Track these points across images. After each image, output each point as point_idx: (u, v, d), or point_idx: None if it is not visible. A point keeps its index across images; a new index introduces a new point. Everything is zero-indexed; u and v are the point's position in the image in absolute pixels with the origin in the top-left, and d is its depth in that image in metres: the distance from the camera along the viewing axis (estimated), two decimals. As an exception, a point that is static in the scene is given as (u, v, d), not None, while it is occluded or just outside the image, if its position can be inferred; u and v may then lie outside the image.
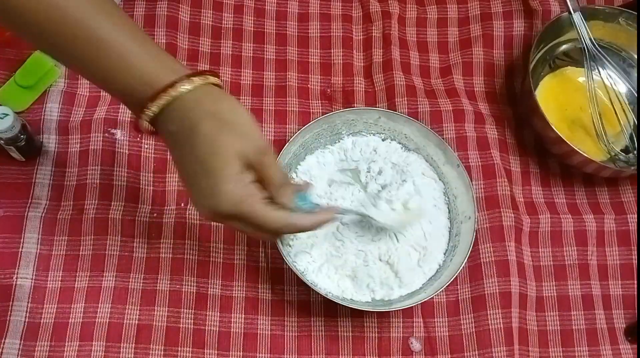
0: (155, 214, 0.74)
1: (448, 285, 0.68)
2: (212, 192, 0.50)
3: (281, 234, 0.54)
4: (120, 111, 0.77)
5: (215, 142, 0.49)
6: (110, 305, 0.69)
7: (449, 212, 0.75)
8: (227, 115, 0.51)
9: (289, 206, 0.53)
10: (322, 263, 0.71)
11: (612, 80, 0.85)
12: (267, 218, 0.51)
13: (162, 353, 0.68)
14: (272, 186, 0.53)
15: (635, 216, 0.80)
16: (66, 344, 0.67)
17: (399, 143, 0.78)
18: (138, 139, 0.76)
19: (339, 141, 0.78)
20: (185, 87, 0.50)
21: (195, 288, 0.71)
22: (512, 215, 0.77)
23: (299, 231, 0.56)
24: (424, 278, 0.72)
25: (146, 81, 0.50)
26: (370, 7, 0.88)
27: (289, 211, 0.53)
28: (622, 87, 0.86)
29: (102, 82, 0.52)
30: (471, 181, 0.75)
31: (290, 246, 0.70)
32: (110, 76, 0.51)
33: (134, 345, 0.68)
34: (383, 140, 0.78)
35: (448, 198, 0.76)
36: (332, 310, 0.72)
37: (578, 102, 0.85)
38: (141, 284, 0.71)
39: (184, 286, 0.71)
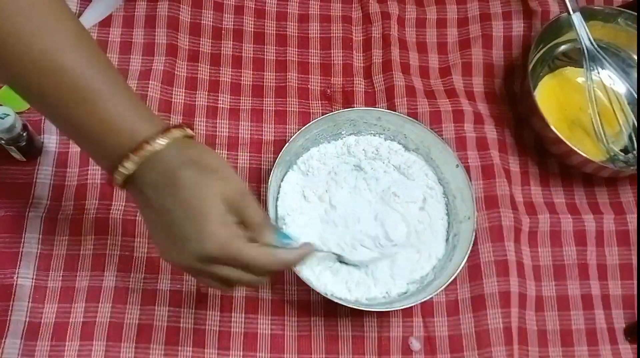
0: (155, 214, 0.74)
1: (448, 285, 0.68)
2: (197, 236, 0.49)
3: (267, 272, 0.53)
4: (120, 111, 0.77)
5: (199, 188, 0.50)
6: (110, 304, 0.69)
7: (449, 212, 0.75)
8: (207, 162, 0.51)
9: (272, 244, 0.53)
10: (320, 261, 0.71)
11: (612, 80, 0.85)
12: (255, 256, 0.51)
13: (162, 353, 0.68)
14: (253, 226, 0.53)
15: (635, 216, 0.81)
16: (66, 344, 0.67)
17: (399, 143, 0.78)
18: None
19: (340, 141, 0.78)
20: (164, 140, 0.50)
21: (195, 287, 0.71)
22: (512, 215, 0.77)
23: (285, 266, 0.56)
24: (423, 278, 0.72)
25: (127, 132, 0.50)
26: (370, 8, 0.89)
27: (272, 248, 0.53)
28: (621, 87, 0.86)
29: (78, 130, 0.51)
30: (470, 181, 0.75)
31: None
32: (89, 123, 0.50)
33: (134, 344, 0.68)
34: (385, 140, 0.78)
35: (447, 198, 0.76)
36: (332, 310, 0.72)
37: (577, 102, 0.85)
38: (141, 284, 0.71)
39: (184, 286, 0.71)
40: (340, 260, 0.71)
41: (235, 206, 0.51)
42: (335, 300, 0.67)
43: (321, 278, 0.70)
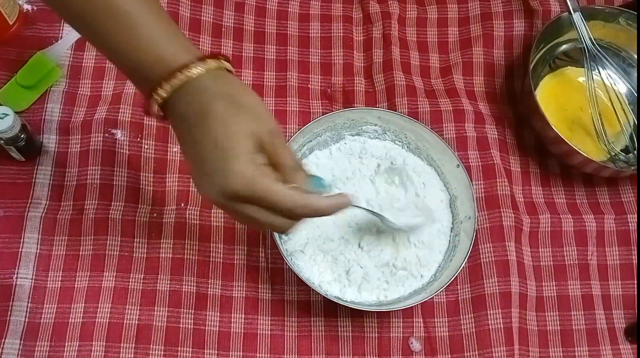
0: (155, 214, 0.74)
1: (448, 285, 0.68)
2: (224, 172, 0.48)
3: (296, 217, 0.50)
4: (120, 111, 0.77)
5: (229, 122, 0.49)
6: (110, 305, 0.69)
7: (449, 212, 0.75)
8: (241, 98, 0.50)
9: (303, 188, 0.51)
10: (321, 262, 0.71)
11: (612, 80, 0.85)
12: (282, 197, 0.49)
13: (162, 353, 0.68)
14: (284, 169, 0.51)
15: (635, 216, 0.81)
16: (66, 344, 0.67)
17: (399, 143, 0.78)
18: (138, 139, 0.76)
19: (340, 141, 0.78)
20: (199, 69, 0.49)
21: (195, 288, 0.71)
22: (512, 215, 0.77)
23: (315, 215, 0.52)
24: (424, 278, 0.72)
25: (161, 59, 0.49)
26: (370, 8, 0.88)
27: (302, 192, 0.51)
28: (622, 87, 0.86)
29: (115, 54, 0.51)
30: (471, 181, 0.75)
31: (288, 245, 0.70)
32: (125, 48, 0.50)
33: (134, 345, 0.68)
34: (383, 140, 0.78)
35: (448, 198, 0.76)
36: (332, 310, 0.72)
37: (578, 102, 0.85)
38: (141, 284, 0.71)
39: (184, 286, 0.71)
40: (381, 222, 0.68)
41: (266, 147, 0.50)
42: (336, 300, 0.66)
43: (321, 278, 0.70)
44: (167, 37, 0.50)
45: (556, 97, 0.85)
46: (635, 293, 0.77)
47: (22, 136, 0.69)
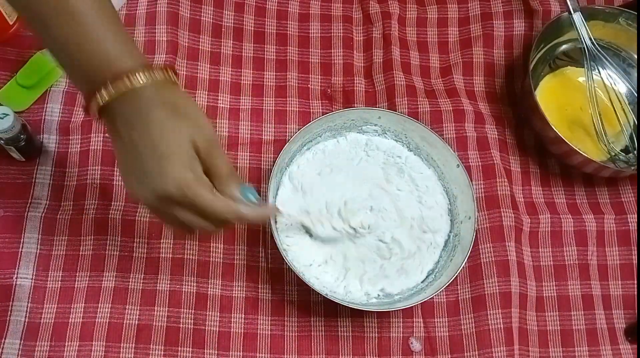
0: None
1: (448, 285, 0.68)
2: (160, 175, 0.50)
3: (223, 222, 0.54)
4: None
5: (169, 127, 0.50)
6: (110, 305, 0.69)
7: (449, 212, 0.75)
8: (182, 107, 0.52)
9: (234, 197, 0.54)
10: (321, 262, 0.71)
11: (612, 80, 0.85)
12: (213, 204, 0.51)
13: (162, 353, 0.68)
14: (218, 177, 0.53)
15: (635, 216, 0.80)
16: (66, 344, 0.67)
17: (399, 143, 0.78)
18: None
19: (338, 139, 0.78)
20: (145, 77, 0.50)
21: (195, 288, 0.71)
22: (512, 215, 0.77)
23: (243, 221, 0.56)
24: (424, 278, 0.72)
25: (108, 62, 0.50)
26: (370, 8, 0.88)
27: (232, 201, 0.54)
28: (622, 87, 0.86)
29: (62, 52, 0.51)
30: (471, 181, 0.75)
31: (288, 246, 0.70)
32: (73, 47, 0.50)
33: (134, 345, 0.68)
34: (385, 140, 0.78)
35: (448, 198, 0.76)
36: (332, 310, 0.72)
37: (578, 102, 0.85)
38: (141, 284, 0.71)
39: (184, 286, 0.71)
40: (308, 231, 0.71)
41: (203, 155, 0.52)
42: (336, 300, 0.66)
43: (321, 276, 0.70)
44: (115, 41, 0.51)
45: (556, 97, 0.85)
46: (635, 293, 0.77)
47: (22, 136, 0.69)
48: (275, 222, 0.67)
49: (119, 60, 0.50)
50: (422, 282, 0.72)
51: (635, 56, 0.86)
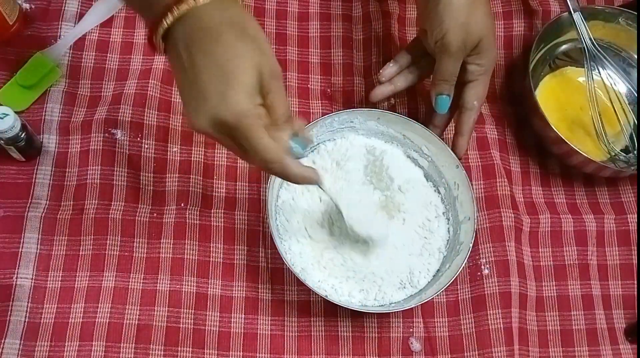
0: (155, 214, 0.74)
1: (448, 286, 0.68)
2: (222, 96, 0.48)
3: (266, 169, 0.52)
4: (120, 111, 0.77)
5: (237, 49, 0.49)
6: (110, 305, 0.69)
7: (449, 212, 0.75)
8: (247, 27, 0.50)
9: (284, 144, 0.52)
10: (320, 262, 0.71)
11: (612, 80, 0.85)
12: (263, 144, 0.50)
13: (162, 353, 0.68)
14: (274, 116, 0.52)
15: (635, 216, 0.80)
16: (66, 344, 0.67)
17: (399, 144, 0.78)
18: (138, 139, 0.76)
19: (336, 139, 0.78)
20: None
21: (195, 288, 0.71)
22: (512, 215, 0.77)
23: (283, 177, 0.54)
24: (423, 278, 0.72)
25: None
26: (370, 7, 0.88)
27: (282, 149, 0.52)
28: (622, 87, 0.86)
29: None
30: (471, 181, 0.75)
31: (289, 248, 0.70)
32: None
33: (134, 345, 0.68)
34: (385, 142, 0.78)
35: (448, 198, 0.76)
36: (332, 310, 0.72)
37: (578, 102, 0.85)
38: (141, 284, 0.71)
39: (184, 286, 0.71)
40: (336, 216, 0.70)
41: (265, 86, 0.50)
42: (335, 301, 0.66)
43: (321, 277, 0.70)
44: None
45: (556, 97, 0.85)
46: (635, 293, 0.77)
47: (22, 136, 0.69)
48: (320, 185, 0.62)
49: None
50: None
51: (635, 56, 0.86)
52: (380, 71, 0.75)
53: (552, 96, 0.85)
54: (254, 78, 0.49)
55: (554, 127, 0.75)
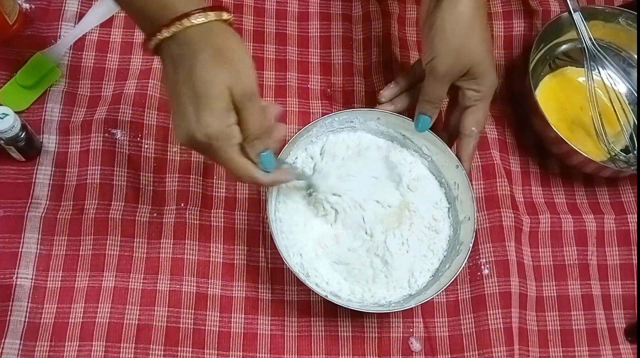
0: (155, 214, 0.74)
1: (448, 286, 0.68)
2: (195, 119, 0.52)
3: (238, 180, 0.59)
4: (120, 111, 0.77)
5: (211, 72, 0.52)
6: (110, 305, 0.69)
7: (449, 212, 0.75)
8: (228, 52, 0.53)
9: (253, 159, 0.57)
10: (319, 261, 0.71)
11: (612, 80, 0.85)
12: (232, 163, 0.55)
13: (162, 353, 0.68)
14: (245, 134, 0.55)
15: (635, 216, 0.80)
16: (66, 344, 0.67)
17: (399, 144, 0.78)
18: (138, 139, 0.76)
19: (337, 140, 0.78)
20: (198, 19, 0.52)
21: (195, 288, 0.71)
22: (512, 215, 0.77)
23: (257, 184, 0.62)
24: (423, 278, 0.71)
25: (165, 7, 0.53)
26: (370, 6, 0.88)
27: (252, 163, 0.57)
28: (622, 87, 0.86)
29: (129, 4, 0.55)
30: (471, 181, 0.75)
31: (284, 234, 0.70)
32: None
33: (134, 345, 0.68)
34: (385, 141, 0.78)
35: (448, 198, 0.76)
36: (332, 310, 0.72)
37: (578, 102, 0.85)
38: (141, 284, 0.71)
39: (184, 286, 0.71)
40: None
41: (236, 106, 0.53)
42: (335, 301, 0.66)
43: (321, 277, 0.70)
44: None
45: (556, 97, 0.85)
46: (635, 293, 0.77)
47: (22, 136, 0.69)
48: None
49: (176, 5, 0.52)
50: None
51: (635, 56, 0.86)
52: (381, 92, 0.75)
53: (552, 96, 0.85)
54: (224, 100, 0.53)
55: (554, 128, 0.75)
